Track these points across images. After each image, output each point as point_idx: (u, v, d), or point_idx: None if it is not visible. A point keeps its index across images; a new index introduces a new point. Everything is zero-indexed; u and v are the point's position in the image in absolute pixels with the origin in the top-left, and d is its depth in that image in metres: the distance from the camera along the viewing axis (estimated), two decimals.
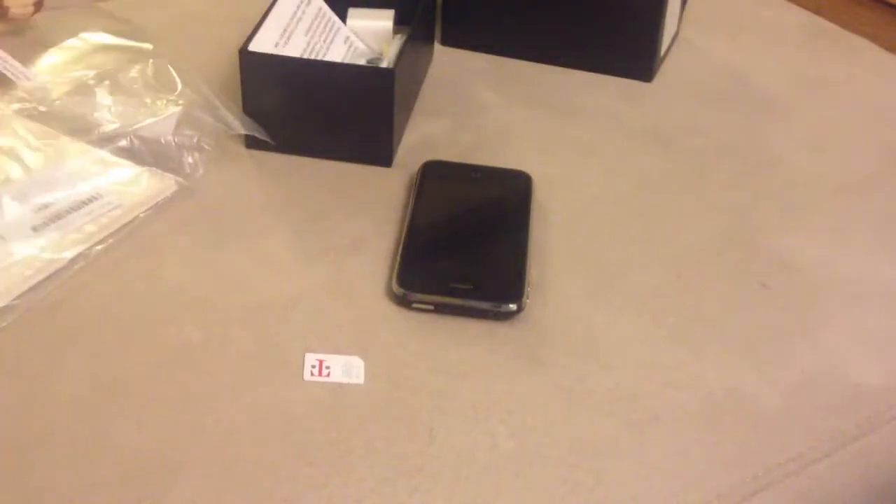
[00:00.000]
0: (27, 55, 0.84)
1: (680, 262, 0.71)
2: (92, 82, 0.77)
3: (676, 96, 0.89)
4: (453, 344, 0.64)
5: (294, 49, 0.80)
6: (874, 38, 1.05)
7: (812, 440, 0.60)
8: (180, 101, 0.74)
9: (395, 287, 0.66)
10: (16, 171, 0.71)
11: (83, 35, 0.88)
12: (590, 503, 0.55)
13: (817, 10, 1.10)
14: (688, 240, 0.73)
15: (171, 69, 0.78)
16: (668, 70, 0.92)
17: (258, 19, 0.78)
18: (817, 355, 0.65)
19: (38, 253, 0.65)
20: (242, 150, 0.78)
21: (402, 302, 0.66)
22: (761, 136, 0.85)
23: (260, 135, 0.76)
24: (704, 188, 0.78)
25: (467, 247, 0.69)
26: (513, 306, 0.65)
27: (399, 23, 0.88)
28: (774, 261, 0.72)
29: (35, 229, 0.67)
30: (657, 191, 0.78)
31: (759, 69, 0.93)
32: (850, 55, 0.97)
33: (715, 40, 0.97)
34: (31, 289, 0.64)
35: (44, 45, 0.86)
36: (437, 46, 0.94)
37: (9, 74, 0.79)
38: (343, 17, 0.86)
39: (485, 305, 0.65)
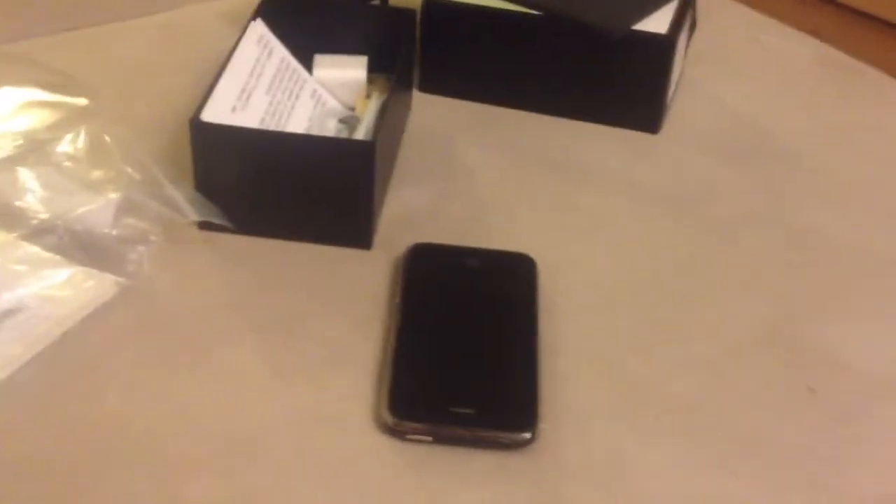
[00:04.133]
0: None
1: (714, 363, 0.61)
2: (15, 157, 0.65)
3: (688, 151, 0.79)
4: (457, 485, 0.53)
5: (255, 111, 0.68)
6: (880, 63, 0.96)
7: None
8: (119, 183, 0.62)
9: (385, 415, 0.55)
10: None
11: (5, 88, 0.75)
12: None
13: (815, 32, 1.01)
14: (721, 335, 0.63)
15: (107, 139, 0.66)
16: (676, 118, 0.82)
17: (209, 65, 0.67)
18: (877, 477, 0.55)
19: None
20: (195, 233, 0.66)
21: (395, 433, 0.55)
22: (789, 199, 0.75)
23: (216, 219, 0.64)
24: (733, 267, 0.68)
25: (467, 358, 0.59)
26: (526, 434, 0.55)
27: (372, 69, 0.76)
28: (820, 358, 0.62)
29: None
30: (680, 272, 0.68)
31: (773, 114, 0.83)
32: (872, 94, 0.88)
33: (721, 79, 0.87)
34: None
35: None
36: (415, 93, 0.82)
37: None
38: (309, 66, 0.75)
39: (493, 435, 0.55)
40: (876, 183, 0.77)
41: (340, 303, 0.63)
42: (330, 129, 0.73)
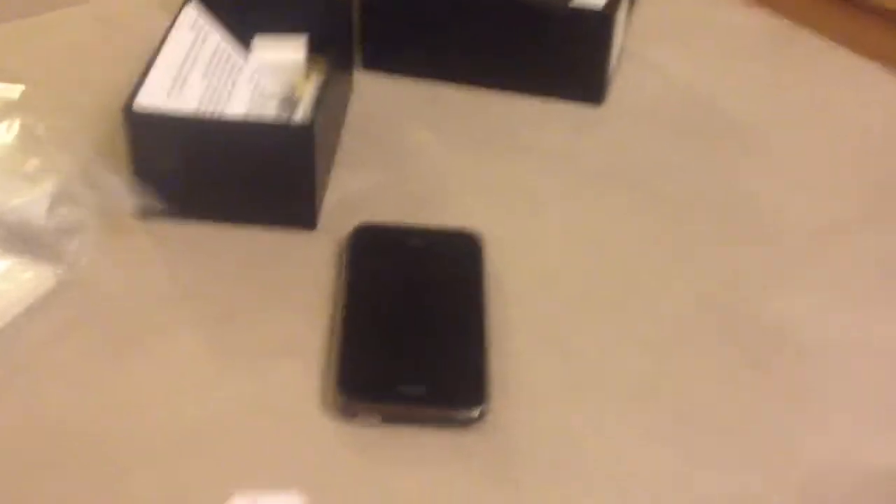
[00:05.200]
0: None
1: (662, 339, 0.61)
2: None
3: (633, 125, 0.78)
4: (407, 465, 0.53)
5: (191, 96, 0.67)
6: (825, 32, 0.96)
7: None
8: (54, 173, 0.61)
9: (333, 396, 0.55)
10: None
11: None
12: None
13: (759, 2, 1.01)
14: (668, 310, 0.63)
15: (40, 128, 0.64)
16: (619, 91, 0.82)
17: (146, 52, 0.65)
18: (825, 444, 0.56)
19: None
20: (134, 222, 0.65)
21: (344, 414, 0.55)
22: (736, 173, 0.75)
23: (155, 207, 0.63)
24: (680, 242, 0.68)
25: (415, 338, 0.58)
26: (476, 412, 0.55)
27: (311, 50, 0.75)
28: (765, 330, 0.62)
29: None
30: (627, 248, 0.68)
31: (718, 86, 0.84)
32: (818, 64, 0.87)
33: (666, 51, 0.87)
34: None
35: None
36: (358, 72, 0.81)
37: None
38: (247, 48, 0.74)
39: (443, 413, 0.55)
40: (822, 154, 0.77)
41: (285, 287, 0.62)
42: (269, 112, 0.72)
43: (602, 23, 0.76)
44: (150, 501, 0.50)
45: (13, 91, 0.73)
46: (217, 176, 0.64)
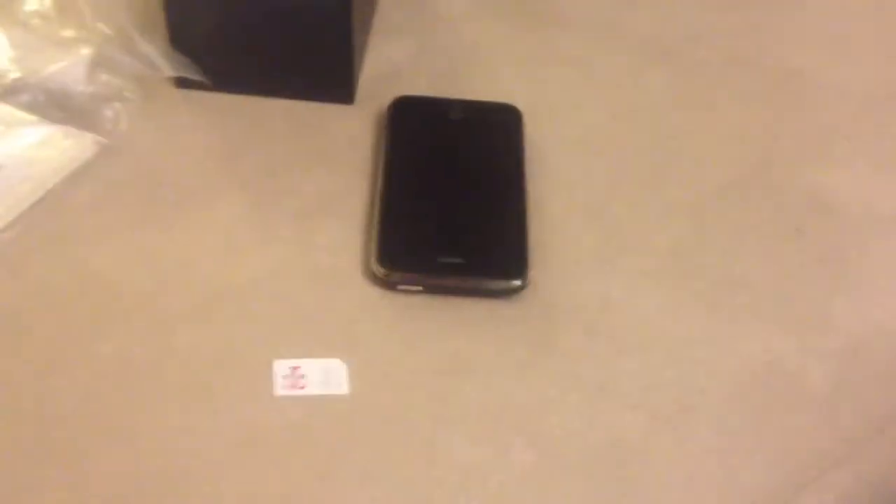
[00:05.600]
0: None
1: (701, 208, 0.61)
2: None
3: None
4: (449, 333, 0.54)
5: None
6: None
7: (864, 418, 0.52)
8: (91, 40, 0.60)
9: (374, 267, 0.55)
10: None
11: None
12: None
13: None
14: (707, 179, 0.63)
15: None
16: None
17: None
18: (862, 314, 0.56)
19: None
20: (173, 91, 0.64)
21: (385, 284, 0.55)
22: (775, 41, 0.73)
23: (193, 75, 0.63)
24: (719, 113, 0.67)
25: (456, 209, 0.58)
26: (516, 282, 0.55)
27: None
28: (806, 199, 0.62)
29: None
30: (666, 119, 0.67)
31: None
32: None
33: None
34: None
35: None
36: None
37: None
38: None
39: (483, 283, 0.55)
40: (863, 22, 0.75)
41: (325, 158, 0.62)
42: None
43: None
44: (192, 363, 0.51)
45: None
46: (254, 43, 0.63)
